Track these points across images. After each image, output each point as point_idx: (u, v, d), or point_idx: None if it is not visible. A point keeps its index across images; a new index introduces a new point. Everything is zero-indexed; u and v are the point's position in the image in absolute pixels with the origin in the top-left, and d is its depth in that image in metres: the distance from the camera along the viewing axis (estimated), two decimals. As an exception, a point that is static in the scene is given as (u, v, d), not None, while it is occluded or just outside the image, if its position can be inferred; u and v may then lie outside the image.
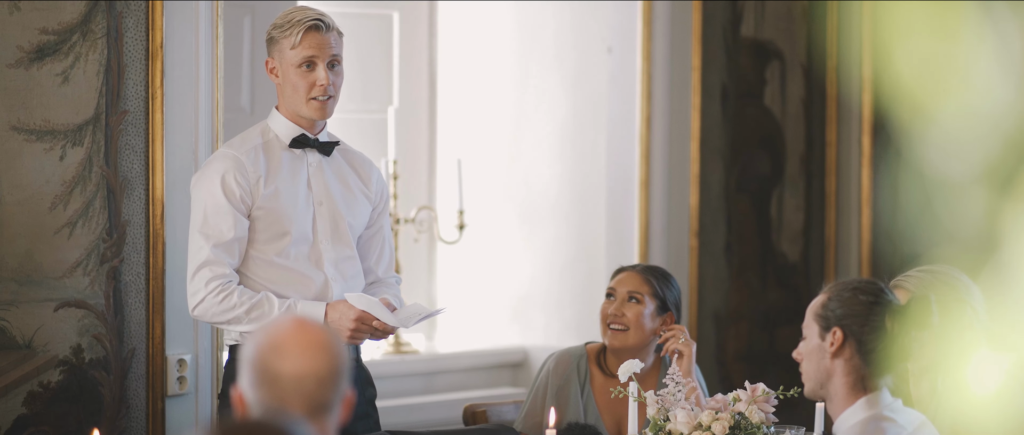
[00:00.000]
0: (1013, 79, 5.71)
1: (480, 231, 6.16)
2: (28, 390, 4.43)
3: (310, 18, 4.20)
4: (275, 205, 4.21)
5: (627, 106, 5.97)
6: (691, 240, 6.07)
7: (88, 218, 4.52)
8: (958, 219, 5.77)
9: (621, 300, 4.53)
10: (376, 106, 5.99)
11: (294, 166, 4.27)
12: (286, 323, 2.78)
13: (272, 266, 4.21)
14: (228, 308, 4.13)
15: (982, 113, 5.69)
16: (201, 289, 4.14)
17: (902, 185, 6.22)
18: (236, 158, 4.19)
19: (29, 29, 4.40)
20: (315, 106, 4.23)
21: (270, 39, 4.25)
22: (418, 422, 5.51)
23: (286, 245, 4.22)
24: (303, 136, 4.26)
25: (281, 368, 2.74)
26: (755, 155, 6.26)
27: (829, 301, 3.53)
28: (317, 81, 4.20)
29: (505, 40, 6.18)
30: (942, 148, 5.80)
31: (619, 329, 4.52)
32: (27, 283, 4.41)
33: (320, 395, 2.75)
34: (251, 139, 4.25)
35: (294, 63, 4.20)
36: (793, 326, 3.79)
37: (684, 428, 3.93)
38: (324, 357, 2.76)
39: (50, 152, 4.45)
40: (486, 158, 6.19)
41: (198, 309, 4.16)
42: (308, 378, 2.74)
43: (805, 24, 6.31)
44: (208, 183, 4.18)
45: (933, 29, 5.63)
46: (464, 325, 6.25)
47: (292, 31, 4.19)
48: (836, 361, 3.51)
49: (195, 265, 4.15)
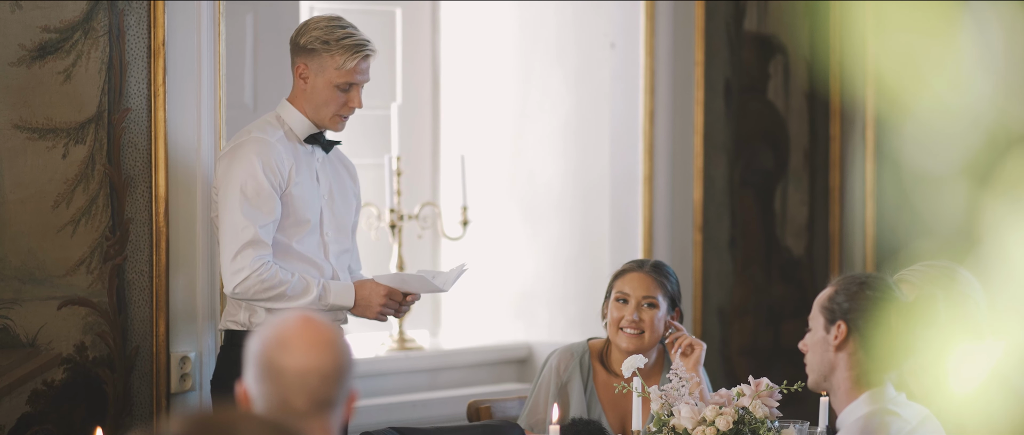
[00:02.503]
0: (991, 75, 5.73)
1: (484, 227, 6.16)
2: (32, 388, 4.43)
3: (363, 45, 4.33)
4: (300, 193, 4.34)
5: (630, 101, 5.96)
6: (695, 235, 6.06)
7: (91, 216, 4.52)
8: (938, 213, 5.79)
9: (636, 305, 4.51)
10: (379, 102, 5.98)
11: (307, 159, 4.39)
12: (292, 319, 2.79)
13: (290, 251, 4.33)
14: (272, 286, 4.25)
15: (962, 108, 5.71)
16: (246, 267, 4.24)
17: (884, 179, 6.24)
18: (272, 144, 4.31)
19: (31, 27, 4.40)
20: (338, 121, 4.39)
21: (309, 49, 4.33)
22: (422, 418, 5.51)
23: (304, 232, 4.34)
24: (317, 134, 4.40)
25: (285, 363, 2.74)
26: (759, 150, 6.26)
27: (835, 294, 3.53)
28: (350, 103, 4.37)
29: (508, 36, 6.17)
30: (922, 142, 5.82)
31: (635, 333, 4.51)
32: (30, 281, 4.41)
33: (324, 391, 2.74)
34: (275, 128, 4.36)
35: (334, 82, 4.33)
36: (798, 320, 3.79)
37: (688, 423, 3.93)
38: (329, 353, 2.76)
39: (53, 150, 4.45)
40: (489, 154, 6.18)
41: (241, 287, 4.25)
42: (312, 374, 2.74)
43: (808, 18, 6.31)
44: (247, 165, 4.27)
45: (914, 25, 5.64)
46: (468, 321, 6.25)
47: (343, 54, 4.30)
48: (839, 354, 3.51)
49: (239, 244, 4.24)
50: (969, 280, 4.00)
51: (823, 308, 3.54)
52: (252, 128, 4.36)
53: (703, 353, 4.43)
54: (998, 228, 5.01)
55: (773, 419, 4.00)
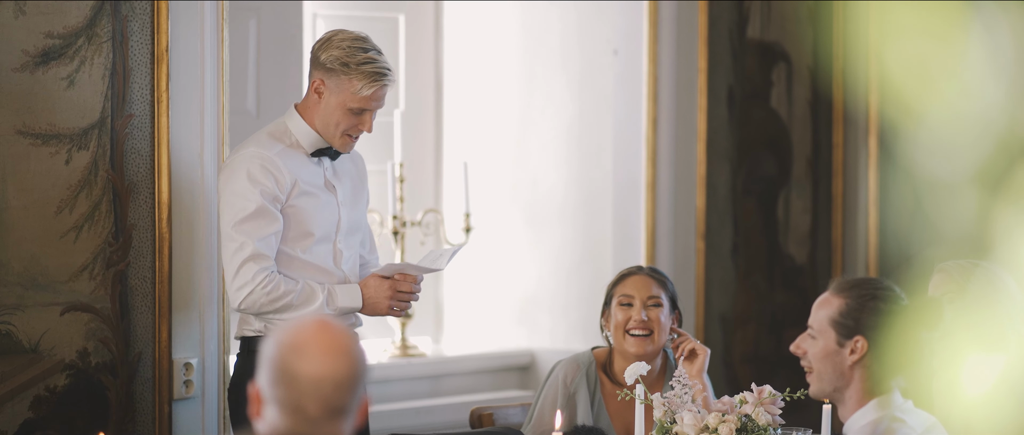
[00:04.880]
0: (1004, 81, 5.71)
1: (486, 234, 6.16)
2: (34, 394, 4.42)
3: (384, 75, 4.27)
4: (303, 205, 4.29)
5: (633, 108, 5.96)
6: (698, 242, 6.06)
7: (94, 222, 4.51)
8: (950, 220, 5.78)
9: (642, 305, 4.50)
10: (382, 109, 5.98)
11: (313, 168, 4.34)
12: (309, 324, 2.78)
13: (297, 261, 4.30)
14: (277, 297, 4.22)
15: (974, 115, 5.69)
16: (249, 282, 4.20)
17: (895, 186, 6.23)
18: (270, 158, 4.25)
19: (34, 33, 4.40)
20: (347, 142, 4.34)
21: (328, 68, 4.26)
22: (424, 425, 5.50)
23: (310, 243, 4.31)
24: (325, 148, 4.34)
25: (300, 369, 2.74)
26: (761, 157, 6.26)
27: (849, 309, 3.50)
28: (362, 126, 4.31)
29: (511, 42, 6.17)
30: (934, 149, 5.81)
31: (644, 335, 4.49)
32: (33, 287, 4.41)
33: (337, 399, 2.74)
34: (277, 139, 4.31)
35: (348, 105, 4.27)
36: (800, 328, 3.78)
37: (690, 430, 3.92)
38: (344, 361, 2.75)
39: (56, 156, 4.44)
40: (492, 160, 6.18)
41: (247, 301, 4.22)
42: (326, 381, 2.73)
43: (811, 26, 6.31)
44: (243, 180, 4.23)
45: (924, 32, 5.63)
46: (470, 328, 6.25)
47: (361, 80, 4.24)
48: (856, 368, 3.50)
49: (240, 259, 4.21)
50: (1009, 285, 3.99)
51: (835, 322, 3.51)
52: (251, 141, 4.31)
53: (707, 359, 4.42)
54: (1009, 235, 5.00)
55: (776, 427, 3.99)
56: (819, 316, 3.54)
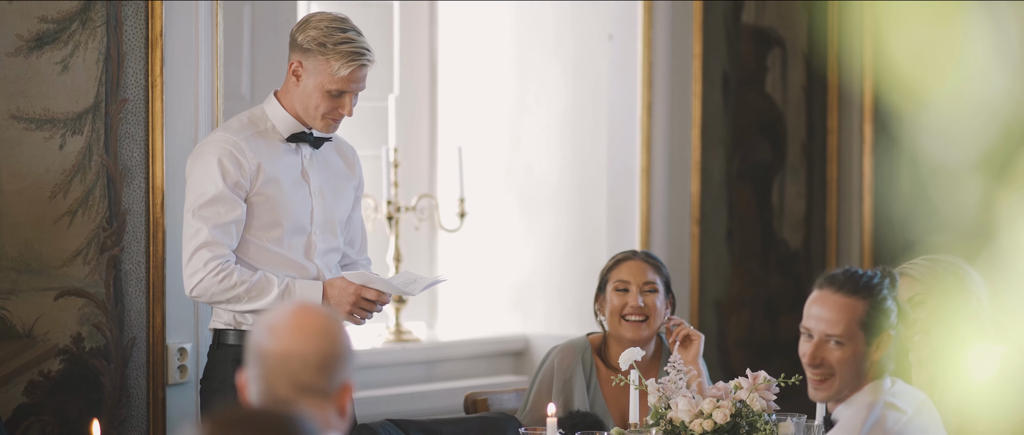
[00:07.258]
0: (1010, 67, 5.70)
1: (481, 219, 6.16)
2: (28, 379, 4.42)
3: (361, 54, 4.16)
4: (272, 193, 4.22)
5: (628, 94, 5.96)
6: (692, 228, 6.06)
7: (88, 207, 4.51)
8: (954, 207, 5.77)
9: (638, 291, 4.50)
10: (376, 94, 5.98)
11: (289, 157, 4.27)
12: (290, 306, 2.77)
13: (267, 252, 4.23)
14: (228, 287, 4.15)
15: (979, 101, 5.68)
16: (200, 269, 4.14)
17: (898, 172, 6.22)
18: (235, 142, 4.18)
19: (28, 17, 4.39)
20: (327, 124, 4.24)
21: (305, 48, 4.18)
22: (419, 410, 5.51)
23: (280, 234, 4.23)
24: (302, 133, 4.27)
25: (268, 347, 2.72)
26: (756, 142, 6.26)
27: (872, 308, 3.45)
28: (341, 109, 4.20)
29: (505, 27, 6.16)
30: (938, 135, 5.80)
31: (640, 320, 4.49)
32: (27, 272, 4.41)
33: (304, 377, 2.71)
34: (248, 124, 4.25)
35: (326, 87, 4.17)
36: (795, 313, 3.75)
37: (685, 416, 3.93)
38: (314, 340, 2.72)
39: (50, 141, 4.44)
40: (487, 146, 6.18)
41: (197, 289, 4.16)
42: (292, 358, 2.71)
43: (806, 11, 6.30)
44: (205, 166, 4.18)
45: (929, 17, 5.62)
46: (465, 313, 6.25)
47: (339, 60, 4.14)
48: (873, 362, 3.48)
49: (193, 246, 4.16)
50: (972, 276, 3.99)
51: (863, 324, 3.45)
52: (224, 125, 4.26)
53: (702, 345, 4.42)
54: (1014, 222, 5.00)
55: (770, 412, 4.00)
56: (843, 321, 3.45)
